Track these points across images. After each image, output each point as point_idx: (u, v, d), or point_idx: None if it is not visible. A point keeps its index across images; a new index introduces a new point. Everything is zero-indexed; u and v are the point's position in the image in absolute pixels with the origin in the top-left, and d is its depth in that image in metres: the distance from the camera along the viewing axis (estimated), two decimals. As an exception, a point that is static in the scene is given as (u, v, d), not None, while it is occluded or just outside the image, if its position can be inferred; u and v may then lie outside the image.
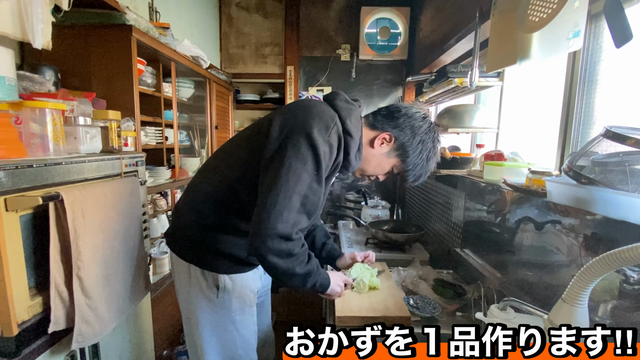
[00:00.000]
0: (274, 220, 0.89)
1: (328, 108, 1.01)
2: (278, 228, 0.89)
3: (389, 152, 1.08)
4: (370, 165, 1.11)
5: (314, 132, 0.92)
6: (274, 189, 0.90)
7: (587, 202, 0.81)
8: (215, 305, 1.08)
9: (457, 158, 1.77)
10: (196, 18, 2.80)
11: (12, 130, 1.00)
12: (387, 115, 1.08)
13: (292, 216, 0.91)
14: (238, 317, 1.11)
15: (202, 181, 1.10)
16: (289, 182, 0.90)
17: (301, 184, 0.91)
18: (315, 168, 0.92)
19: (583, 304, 0.64)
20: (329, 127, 0.95)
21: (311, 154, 0.91)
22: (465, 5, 1.86)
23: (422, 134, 1.06)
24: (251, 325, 1.15)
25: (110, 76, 1.54)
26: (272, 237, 0.90)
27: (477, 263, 1.44)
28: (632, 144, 0.72)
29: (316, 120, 0.94)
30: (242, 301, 1.11)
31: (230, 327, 1.10)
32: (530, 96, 1.63)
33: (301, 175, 0.91)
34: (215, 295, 1.07)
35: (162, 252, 1.98)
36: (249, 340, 1.14)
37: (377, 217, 2.37)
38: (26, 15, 0.95)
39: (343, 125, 0.99)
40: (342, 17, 3.20)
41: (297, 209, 0.91)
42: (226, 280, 1.07)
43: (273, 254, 0.91)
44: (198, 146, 2.59)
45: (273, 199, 0.90)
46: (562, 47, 0.98)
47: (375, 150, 1.08)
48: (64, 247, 1.06)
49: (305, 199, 0.92)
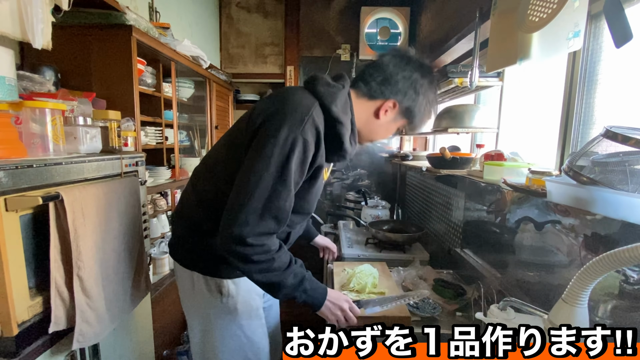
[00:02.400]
0: (231, 222, 0.85)
1: (306, 97, 0.92)
2: (233, 230, 0.85)
3: (395, 117, 1.02)
4: (378, 134, 1.06)
5: (283, 128, 0.85)
6: (236, 189, 0.87)
7: (587, 202, 0.80)
8: (221, 311, 1.06)
9: (457, 158, 1.77)
10: (196, 18, 2.80)
11: (12, 130, 1.00)
12: (383, 81, 0.99)
13: (251, 219, 0.85)
14: (245, 321, 1.07)
15: (193, 188, 1.07)
16: (249, 184, 0.85)
17: (262, 186, 0.84)
18: (278, 169, 0.85)
19: (583, 304, 0.64)
20: (302, 121, 0.86)
21: (276, 154, 0.84)
22: (465, 5, 1.86)
23: (425, 91, 1.01)
24: (259, 329, 1.12)
25: (110, 76, 1.54)
26: (227, 238, 0.86)
27: (477, 263, 1.44)
28: (632, 144, 0.72)
29: (288, 113, 0.87)
30: (247, 305, 1.08)
31: (238, 332, 1.07)
32: (530, 96, 1.63)
33: (262, 176, 0.84)
34: (220, 300, 1.04)
35: (162, 252, 1.98)
36: (258, 344, 1.11)
37: (377, 217, 2.37)
38: (26, 15, 0.95)
39: (329, 113, 0.91)
40: (342, 17, 3.20)
41: (257, 212, 0.85)
42: (230, 285, 1.04)
43: (231, 256, 0.88)
44: (198, 146, 2.59)
45: (234, 199, 0.87)
46: (562, 47, 0.98)
47: (382, 120, 1.01)
48: (64, 247, 1.06)
49: (268, 202, 0.85)
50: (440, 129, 1.92)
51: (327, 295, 1.00)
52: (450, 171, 1.74)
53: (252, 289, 1.08)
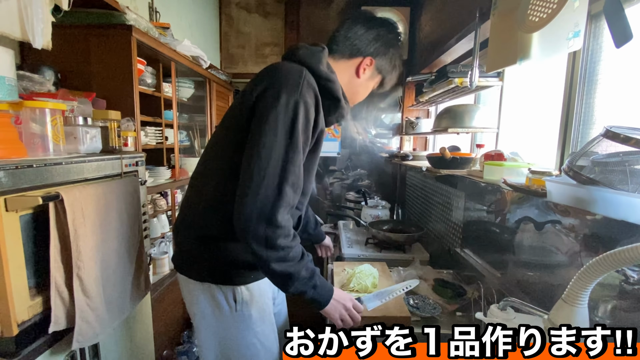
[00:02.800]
0: (251, 203, 0.82)
1: (292, 65, 0.93)
2: (255, 210, 0.82)
3: (372, 74, 1.07)
4: (359, 94, 1.10)
5: (281, 96, 0.85)
6: (246, 169, 0.85)
7: (587, 202, 0.80)
8: (237, 321, 1.01)
9: (457, 158, 1.76)
10: (196, 18, 2.80)
11: (12, 130, 1.01)
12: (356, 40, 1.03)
13: (271, 194, 0.83)
14: (259, 327, 1.04)
15: (196, 193, 1.02)
16: (261, 159, 0.83)
17: (274, 157, 0.83)
18: (287, 136, 0.84)
19: (583, 304, 0.64)
20: (298, 84, 0.87)
21: (281, 121, 0.84)
22: (465, 5, 1.86)
23: (393, 45, 1.07)
24: (272, 334, 1.09)
25: (110, 76, 1.54)
26: (249, 222, 0.82)
27: (477, 263, 1.44)
28: (632, 144, 0.72)
29: (282, 82, 0.87)
30: (261, 310, 1.04)
31: (254, 340, 1.03)
32: (530, 96, 1.63)
33: (272, 147, 0.83)
34: (235, 309, 1.00)
35: (162, 252, 1.98)
36: (271, 349, 1.07)
37: (377, 217, 2.37)
38: (26, 15, 0.95)
39: (318, 73, 0.93)
40: (342, 17, 3.20)
41: (275, 185, 0.83)
42: (244, 292, 1.00)
43: (254, 241, 0.84)
44: (198, 146, 2.59)
45: (247, 179, 0.84)
46: (562, 47, 0.98)
47: (362, 79, 1.05)
48: (64, 247, 1.06)
49: (283, 171, 0.84)
50: (440, 129, 1.92)
51: (333, 294, 0.98)
52: (450, 171, 1.74)
53: (265, 294, 1.06)
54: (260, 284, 1.04)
